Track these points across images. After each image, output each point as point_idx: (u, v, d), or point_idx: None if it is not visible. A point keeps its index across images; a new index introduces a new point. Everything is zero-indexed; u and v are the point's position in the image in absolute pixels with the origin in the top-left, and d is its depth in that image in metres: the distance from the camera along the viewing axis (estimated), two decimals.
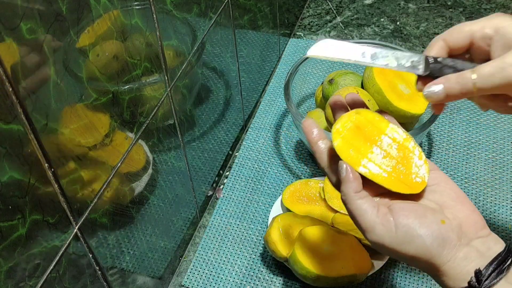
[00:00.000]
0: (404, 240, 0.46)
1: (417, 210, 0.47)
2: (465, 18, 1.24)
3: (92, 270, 0.57)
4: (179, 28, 0.68)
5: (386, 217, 0.47)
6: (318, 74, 1.08)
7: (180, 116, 0.74)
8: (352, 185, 0.48)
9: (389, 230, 0.46)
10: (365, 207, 0.47)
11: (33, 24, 0.42)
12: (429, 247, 0.45)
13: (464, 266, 0.45)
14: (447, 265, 0.45)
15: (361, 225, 0.48)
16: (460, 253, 0.45)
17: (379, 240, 0.47)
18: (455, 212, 0.48)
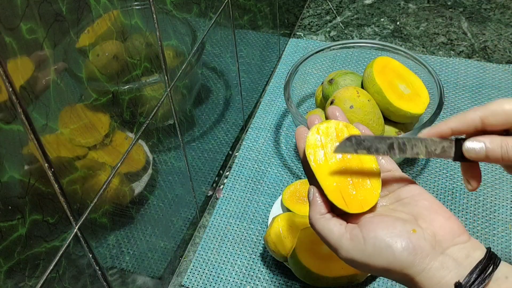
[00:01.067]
0: (373, 252, 0.45)
1: (386, 221, 0.46)
2: (465, 18, 1.24)
3: (92, 270, 0.57)
4: (179, 28, 0.68)
5: (354, 231, 0.46)
6: (318, 74, 1.08)
7: (180, 116, 0.74)
8: (318, 208, 0.48)
9: (357, 244, 0.46)
10: (331, 226, 0.47)
11: (33, 24, 0.42)
12: (398, 256, 0.44)
13: (442, 276, 0.43)
14: (421, 275, 0.43)
15: (330, 244, 0.47)
16: (435, 262, 0.43)
17: (349, 255, 0.46)
18: (429, 221, 0.46)
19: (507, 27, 1.21)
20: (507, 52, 1.14)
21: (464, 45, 1.17)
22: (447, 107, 1.03)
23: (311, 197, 0.49)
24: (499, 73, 1.10)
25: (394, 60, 0.90)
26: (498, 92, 1.05)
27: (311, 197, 0.49)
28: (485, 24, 1.23)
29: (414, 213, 0.48)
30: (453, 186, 0.89)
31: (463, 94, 1.06)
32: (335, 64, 1.12)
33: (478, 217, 0.85)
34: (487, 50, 1.16)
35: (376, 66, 0.87)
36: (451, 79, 1.09)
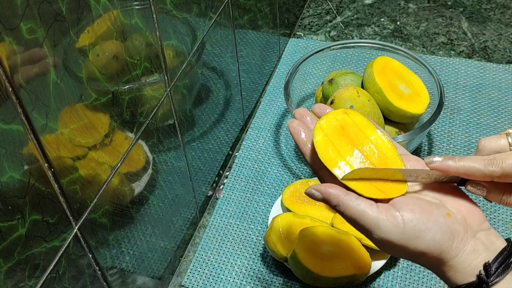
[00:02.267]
0: (413, 235, 0.44)
1: (421, 204, 0.46)
2: (465, 18, 1.24)
3: (92, 270, 0.57)
4: (179, 28, 0.68)
5: (390, 212, 0.45)
6: (318, 74, 1.08)
7: (180, 116, 0.74)
8: (338, 192, 0.46)
9: (396, 225, 0.44)
10: (362, 207, 0.45)
11: (33, 24, 0.42)
12: (439, 241, 0.44)
13: (472, 259, 0.44)
14: (455, 259, 0.44)
15: (364, 226, 0.45)
16: (468, 246, 0.44)
17: (387, 236, 0.44)
18: (456, 206, 0.47)
19: (507, 27, 1.21)
20: (507, 52, 1.14)
21: (464, 45, 1.17)
22: (447, 107, 1.03)
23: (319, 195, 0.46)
24: (499, 73, 1.09)
25: (394, 60, 0.90)
26: (498, 92, 1.05)
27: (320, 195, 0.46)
28: (485, 24, 1.23)
29: (439, 198, 0.48)
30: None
31: (463, 94, 1.06)
32: (335, 64, 1.12)
33: None
34: (487, 50, 1.16)
35: (376, 66, 0.87)
36: (451, 79, 1.09)
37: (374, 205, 0.45)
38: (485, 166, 0.46)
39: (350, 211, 0.45)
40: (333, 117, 0.50)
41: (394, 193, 0.48)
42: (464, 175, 0.47)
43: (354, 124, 0.50)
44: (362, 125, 0.51)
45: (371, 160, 0.49)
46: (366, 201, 0.46)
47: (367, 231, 0.46)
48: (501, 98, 1.04)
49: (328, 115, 0.50)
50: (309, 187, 0.47)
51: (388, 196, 0.47)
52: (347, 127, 0.50)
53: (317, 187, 0.46)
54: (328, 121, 0.50)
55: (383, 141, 0.50)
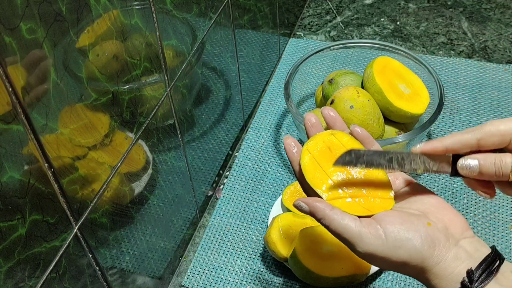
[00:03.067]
0: (394, 245, 0.45)
1: (401, 216, 0.47)
2: (465, 18, 1.24)
3: (92, 270, 0.57)
4: (179, 28, 0.68)
5: (372, 225, 0.46)
6: (318, 74, 1.08)
7: (180, 116, 0.74)
8: (322, 206, 0.47)
9: (378, 238, 0.46)
10: (346, 221, 0.47)
11: (33, 24, 0.42)
12: (420, 249, 0.45)
13: (455, 266, 0.45)
14: (438, 266, 0.45)
15: (347, 240, 0.47)
16: (450, 253, 0.45)
17: (370, 249, 0.46)
18: (438, 216, 0.48)
19: (507, 27, 1.21)
20: (507, 52, 1.14)
21: (464, 45, 1.17)
22: (447, 107, 1.03)
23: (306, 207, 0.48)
24: (499, 73, 1.09)
25: (394, 60, 0.90)
26: (498, 92, 1.05)
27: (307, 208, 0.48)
28: (485, 24, 1.23)
29: (422, 210, 0.49)
30: (453, 186, 0.89)
31: (463, 94, 1.06)
32: (335, 64, 1.12)
33: (478, 217, 0.85)
34: (487, 50, 1.16)
35: (376, 66, 0.87)
36: (451, 79, 1.09)
37: (358, 220, 0.47)
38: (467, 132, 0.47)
39: (334, 225, 0.47)
40: (320, 138, 0.52)
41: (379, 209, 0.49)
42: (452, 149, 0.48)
43: (341, 145, 0.52)
44: (348, 145, 0.52)
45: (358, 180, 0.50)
46: (350, 216, 0.47)
47: (351, 244, 0.47)
48: (501, 98, 1.04)
49: (315, 137, 0.52)
50: (297, 200, 0.49)
51: (373, 212, 0.49)
52: (334, 148, 0.52)
53: (305, 200, 0.48)
54: (315, 143, 0.52)
55: None
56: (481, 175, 0.47)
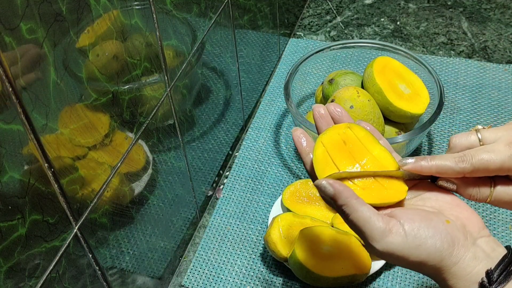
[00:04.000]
0: (414, 244, 0.44)
1: (419, 213, 0.46)
2: (465, 18, 1.24)
3: (92, 270, 0.57)
4: (179, 28, 0.68)
5: (392, 223, 0.45)
6: (318, 74, 1.08)
7: (180, 116, 0.74)
8: (348, 193, 0.45)
9: (400, 237, 0.44)
10: (369, 214, 0.44)
11: (33, 24, 0.42)
12: (440, 248, 0.44)
13: (473, 266, 0.44)
14: (457, 266, 0.44)
15: (367, 235, 0.45)
16: (468, 253, 0.44)
17: (389, 248, 0.44)
18: (455, 213, 0.47)
19: (507, 27, 1.21)
20: (507, 52, 1.14)
21: (464, 45, 1.17)
22: (447, 107, 1.03)
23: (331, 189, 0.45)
24: (499, 73, 1.09)
25: (394, 60, 0.90)
26: (498, 92, 1.05)
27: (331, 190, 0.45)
28: (485, 24, 1.23)
29: (437, 207, 0.48)
30: None
31: (463, 94, 1.06)
32: (335, 64, 1.12)
33: None
34: (487, 50, 1.16)
35: (376, 66, 0.87)
36: (451, 79, 1.09)
37: (381, 216, 0.45)
38: (456, 163, 0.47)
39: (355, 216, 0.45)
40: (335, 131, 0.50)
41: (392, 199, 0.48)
42: (437, 174, 0.48)
43: (357, 139, 0.50)
44: (365, 140, 0.50)
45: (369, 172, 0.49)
46: (374, 210, 0.45)
47: (369, 239, 0.45)
48: (501, 98, 1.04)
49: (330, 129, 0.50)
50: (321, 179, 0.46)
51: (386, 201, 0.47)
52: (349, 142, 0.50)
53: (331, 182, 0.45)
54: (329, 136, 0.49)
55: (385, 157, 0.50)
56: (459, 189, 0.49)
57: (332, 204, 0.47)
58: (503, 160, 0.46)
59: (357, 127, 0.51)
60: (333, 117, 0.53)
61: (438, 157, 0.48)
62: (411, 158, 0.49)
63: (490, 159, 0.46)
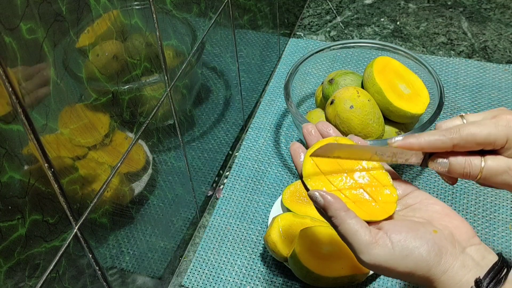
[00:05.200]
0: (401, 255, 0.45)
1: (407, 224, 0.47)
2: (465, 18, 1.24)
3: (92, 270, 0.57)
4: (179, 28, 0.68)
5: (379, 235, 0.46)
6: (318, 74, 1.08)
7: (180, 116, 0.74)
8: (338, 205, 0.46)
9: (386, 249, 0.45)
10: (357, 227, 0.46)
11: (33, 24, 0.42)
12: (426, 257, 0.45)
13: (463, 275, 0.44)
14: (445, 275, 0.45)
15: (354, 247, 0.46)
16: (457, 262, 0.45)
17: (376, 260, 0.45)
18: (443, 223, 0.48)
19: (507, 27, 1.21)
20: (507, 52, 1.14)
21: (464, 45, 1.17)
22: (447, 107, 1.03)
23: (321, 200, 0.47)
24: (499, 73, 1.09)
25: (394, 60, 0.90)
26: (498, 92, 1.05)
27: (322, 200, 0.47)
28: (485, 24, 1.23)
29: (426, 217, 0.49)
30: (453, 186, 0.89)
31: (463, 94, 1.06)
32: (335, 64, 1.12)
33: (478, 217, 0.85)
34: (487, 50, 1.16)
35: (376, 66, 0.87)
36: (451, 79, 1.09)
37: (368, 229, 0.46)
38: (444, 135, 0.48)
39: (344, 228, 0.46)
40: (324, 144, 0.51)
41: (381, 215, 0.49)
42: (428, 148, 0.49)
43: None
44: None
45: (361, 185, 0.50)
46: (362, 223, 0.47)
47: (356, 252, 0.46)
48: (501, 98, 1.04)
49: (319, 143, 0.52)
50: (313, 190, 0.48)
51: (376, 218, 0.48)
52: None
53: (322, 193, 0.47)
54: None
55: (374, 166, 0.52)
56: (450, 173, 0.49)
57: (323, 214, 0.49)
58: (489, 131, 0.48)
59: (344, 139, 0.53)
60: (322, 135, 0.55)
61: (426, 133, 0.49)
62: (400, 136, 0.50)
63: (477, 130, 0.48)
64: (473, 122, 0.49)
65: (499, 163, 0.48)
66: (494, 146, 0.48)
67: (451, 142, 0.48)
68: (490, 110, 0.51)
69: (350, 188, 0.50)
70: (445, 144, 0.48)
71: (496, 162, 0.48)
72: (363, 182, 0.50)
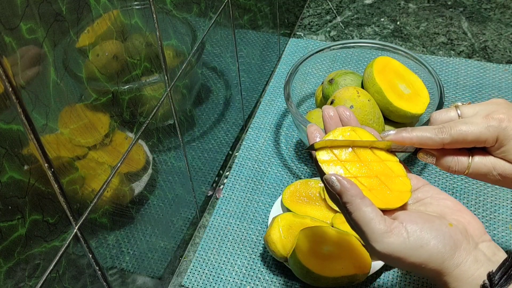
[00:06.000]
0: (416, 245, 0.44)
1: (422, 216, 0.47)
2: (465, 18, 1.24)
3: (92, 270, 0.57)
4: (179, 28, 0.68)
5: (395, 224, 0.45)
6: (318, 74, 1.08)
7: (180, 116, 0.74)
8: (354, 191, 0.46)
9: (401, 238, 0.45)
10: (372, 215, 0.45)
11: (33, 24, 0.42)
12: (442, 250, 0.44)
13: (475, 269, 0.44)
14: (458, 268, 0.45)
15: (367, 235, 0.45)
16: (470, 256, 0.45)
17: (389, 249, 0.45)
18: (456, 218, 0.48)
19: (507, 26, 1.21)
20: (507, 52, 1.14)
21: (464, 45, 1.17)
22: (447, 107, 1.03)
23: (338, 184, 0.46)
24: (499, 73, 1.09)
25: (394, 60, 0.90)
26: (498, 92, 1.05)
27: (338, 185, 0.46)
28: (485, 24, 1.23)
29: (439, 212, 0.49)
30: (453, 186, 0.89)
31: (463, 94, 1.06)
32: (335, 64, 1.12)
33: (478, 217, 0.85)
34: (487, 50, 1.16)
35: (376, 66, 0.87)
36: (451, 79, 1.09)
37: (383, 218, 0.46)
38: (435, 134, 0.49)
39: (358, 215, 0.46)
40: (340, 133, 0.51)
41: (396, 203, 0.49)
42: (418, 144, 0.50)
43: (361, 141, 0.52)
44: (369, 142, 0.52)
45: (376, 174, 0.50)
46: (378, 211, 0.46)
47: (369, 240, 0.46)
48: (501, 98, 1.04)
49: (335, 132, 0.51)
50: (330, 174, 0.47)
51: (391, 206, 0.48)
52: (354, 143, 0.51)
53: (339, 178, 0.46)
54: (335, 136, 0.51)
55: (390, 157, 0.52)
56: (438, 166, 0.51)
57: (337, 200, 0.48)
58: (480, 131, 0.48)
59: (361, 130, 0.53)
60: (342, 119, 0.55)
61: (419, 128, 0.50)
62: (393, 130, 0.51)
63: (468, 129, 0.48)
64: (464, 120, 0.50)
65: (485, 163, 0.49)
66: (485, 144, 0.49)
67: (441, 142, 0.49)
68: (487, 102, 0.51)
69: (366, 176, 0.49)
70: (436, 143, 0.50)
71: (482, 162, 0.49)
72: (378, 170, 0.50)
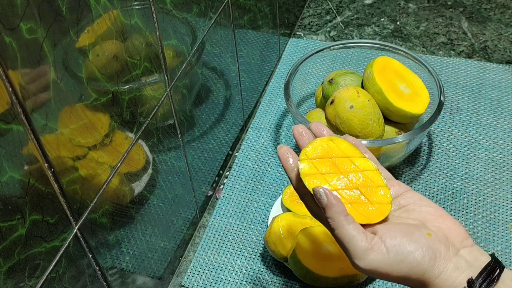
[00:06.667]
0: (396, 260, 0.45)
1: (401, 228, 0.47)
2: (465, 18, 1.24)
3: (92, 270, 0.57)
4: (179, 28, 0.68)
5: (375, 241, 0.46)
6: (318, 74, 1.08)
7: (180, 116, 0.74)
8: (339, 208, 0.46)
9: (381, 255, 0.45)
10: (354, 233, 0.46)
11: (33, 24, 0.42)
12: (421, 261, 0.45)
13: (456, 277, 0.45)
14: (439, 277, 0.45)
15: (350, 252, 0.46)
16: (450, 264, 0.45)
17: (372, 266, 0.45)
18: (437, 224, 0.48)
19: (507, 27, 1.21)
20: (507, 52, 1.14)
21: (464, 45, 1.17)
22: (447, 107, 1.03)
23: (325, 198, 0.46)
24: (499, 73, 1.09)
25: (394, 60, 0.90)
26: (498, 92, 1.05)
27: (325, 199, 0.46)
28: (485, 24, 1.23)
29: (420, 219, 0.49)
30: (453, 186, 0.89)
31: (463, 94, 1.06)
32: (335, 64, 1.12)
33: (478, 217, 0.85)
34: (487, 50, 1.16)
35: (376, 66, 0.87)
36: (451, 79, 1.09)
37: (365, 234, 0.46)
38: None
39: (341, 231, 0.46)
40: (318, 144, 0.52)
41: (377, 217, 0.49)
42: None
43: (340, 151, 0.52)
44: (347, 151, 0.52)
45: (356, 185, 0.50)
46: (359, 228, 0.47)
47: (351, 257, 0.46)
48: (501, 98, 1.04)
49: (314, 143, 0.52)
50: (319, 187, 0.47)
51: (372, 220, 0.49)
52: (333, 154, 0.51)
53: (328, 193, 0.47)
54: (313, 148, 0.51)
55: (368, 166, 0.52)
56: None
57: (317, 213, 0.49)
58: None
59: (339, 139, 0.53)
60: (316, 134, 0.55)
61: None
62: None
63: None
64: None
65: None
66: None
67: None
68: None
69: (346, 188, 0.50)
70: None
71: None
72: (358, 182, 0.50)
